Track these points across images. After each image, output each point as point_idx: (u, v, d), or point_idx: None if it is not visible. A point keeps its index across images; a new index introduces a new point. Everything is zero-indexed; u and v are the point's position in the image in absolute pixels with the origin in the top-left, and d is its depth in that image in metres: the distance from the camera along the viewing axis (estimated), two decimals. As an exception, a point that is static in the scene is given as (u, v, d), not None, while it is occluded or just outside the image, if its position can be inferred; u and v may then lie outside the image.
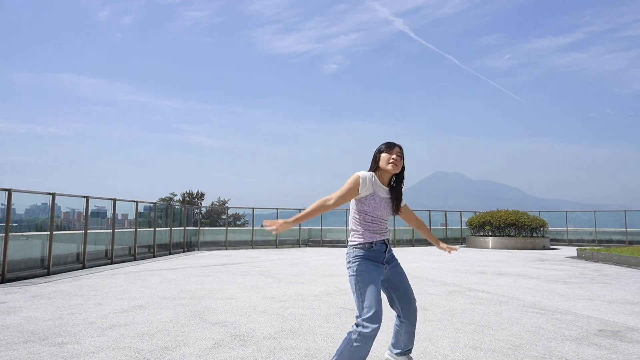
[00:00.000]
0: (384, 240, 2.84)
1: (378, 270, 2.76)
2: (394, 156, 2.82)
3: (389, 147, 2.87)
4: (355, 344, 2.56)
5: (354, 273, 2.72)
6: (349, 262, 2.79)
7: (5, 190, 7.91)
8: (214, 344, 3.70)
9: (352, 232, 2.87)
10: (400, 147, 2.91)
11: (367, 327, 2.54)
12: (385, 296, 2.87)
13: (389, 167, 2.81)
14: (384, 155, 2.84)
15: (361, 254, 2.76)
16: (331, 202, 2.73)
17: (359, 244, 2.79)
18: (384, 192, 2.87)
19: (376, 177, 2.86)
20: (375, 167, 2.89)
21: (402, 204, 2.96)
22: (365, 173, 2.83)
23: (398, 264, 2.97)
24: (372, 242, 2.79)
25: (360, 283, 2.68)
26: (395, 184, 2.92)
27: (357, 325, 2.58)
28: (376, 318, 2.56)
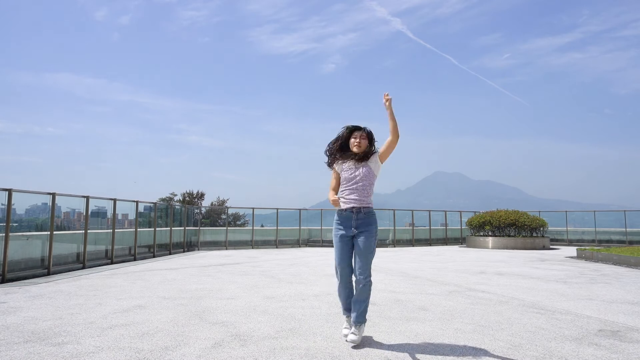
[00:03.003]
0: (352, 208, 3.57)
1: (343, 233, 3.63)
2: (357, 140, 3.59)
3: (354, 131, 3.63)
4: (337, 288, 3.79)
5: (332, 234, 3.76)
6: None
7: (5, 190, 7.91)
8: (214, 344, 3.70)
9: None
10: (365, 130, 3.63)
11: (336, 276, 3.75)
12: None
13: (354, 149, 3.62)
14: (351, 140, 3.63)
15: (336, 218, 3.69)
16: (331, 190, 3.73)
17: (338, 209, 3.67)
18: (352, 162, 3.64)
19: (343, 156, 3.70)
20: (342, 143, 3.68)
21: (375, 150, 3.68)
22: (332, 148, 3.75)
23: (363, 236, 3.57)
24: (343, 209, 3.62)
25: (333, 243, 3.71)
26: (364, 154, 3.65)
27: None
28: (336, 272, 3.75)
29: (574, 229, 21.16)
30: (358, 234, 3.60)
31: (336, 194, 3.73)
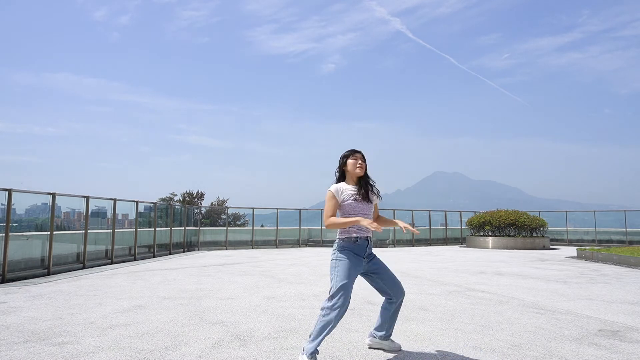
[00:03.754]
0: (366, 237, 3.28)
1: (356, 261, 3.21)
2: (359, 161, 3.33)
3: (353, 153, 3.38)
4: (323, 317, 3.07)
5: (335, 258, 3.23)
6: (334, 250, 3.29)
7: (5, 190, 7.91)
8: (214, 344, 3.70)
9: (339, 231, 3.33)
10: (361, 153, 3.41)
11: (330, 301, 3.08)
12: (374, 288, 3.41)
13: (357, 170, 3.31)
14: (350, 161, 3.34)
15: (346, 245, 3.24)
16: (326, 223, 3.23)
17: (346, 237, 3.25)
18: (353, 191, 3.29)
19: (344, 185, 3.33)
20: (341, 174, 3.41)
21: (375, 200, 3.38)
22: (335, 186, 3.32)
23: (379, 259, 3.39)
24: (356, 237, 3.25)
25: (338, 267, 3.18)
26: (363, 183, 3.35)
27: (328, 300, 3.10)
28: (337, 294, 3.08)
29: (574, 229, 21.16)
30: (371, 261, 3.32)
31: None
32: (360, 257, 3.23)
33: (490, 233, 18.02)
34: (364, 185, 3.33)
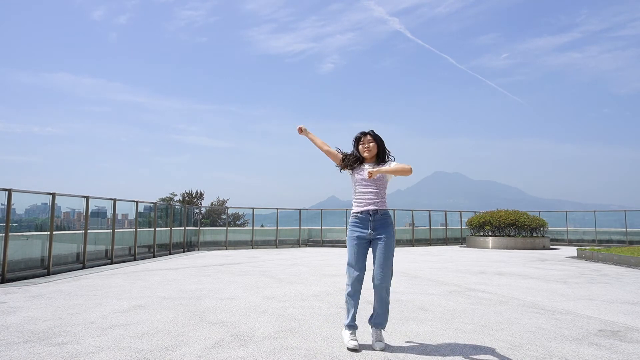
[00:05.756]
0: (369, 210, 3.52)
1: (361, 235, 3.53)
2: (365, 145, 3.62)
3: (361, 136, 3.66)
4: (345, 294, 3.54)
5: (347, 236, 3.64)
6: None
7: (5, 190, 7.91)
8: (214, 344, 3.70)
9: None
10: (371, 134, 3.63)
11: (347, 279, 3.55)
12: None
13: (365, 154, 3.63)
14: (360, 147, 3.66)
15: (352, 221, 3.62)
16: (324, 147, 3.81)
17: (353, 213, 3.63)
18: (365, 170, 3.58)
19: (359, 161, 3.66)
20: (357, 156, 3.69)
21: (386, 167, 3.56)
22: (347, 153, 3.72)
23: (382, 239, 3.49)
24: (359, 211, 3.57)
25: (348, 245, 3.60)
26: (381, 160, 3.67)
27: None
28: (349, 272, 3.54)
29: (574, 229, 21.16)
30: (376, 237, 3.49)
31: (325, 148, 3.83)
32: (364, 230, 3.53)
33: (490, 233, 18.01)
34: (380, 163, 3.64)
